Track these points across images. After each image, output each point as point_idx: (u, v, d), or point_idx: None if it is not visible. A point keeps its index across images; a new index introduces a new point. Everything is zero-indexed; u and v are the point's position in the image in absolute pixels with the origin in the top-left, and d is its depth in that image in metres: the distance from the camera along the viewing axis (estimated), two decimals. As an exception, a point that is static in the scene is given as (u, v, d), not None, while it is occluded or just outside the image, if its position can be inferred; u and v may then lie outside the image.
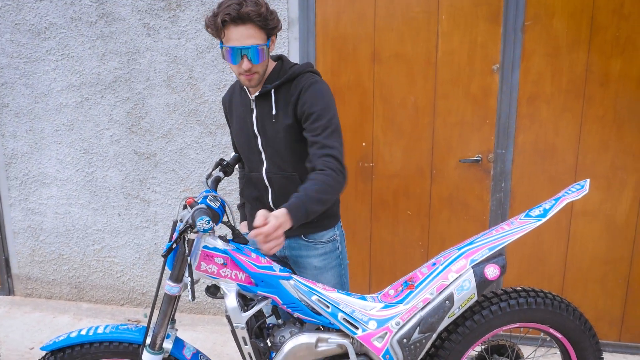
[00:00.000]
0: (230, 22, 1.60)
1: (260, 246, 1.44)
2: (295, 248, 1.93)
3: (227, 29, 1.62)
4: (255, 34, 1.63)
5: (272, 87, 1.75)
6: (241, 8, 1.58)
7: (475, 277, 1.74)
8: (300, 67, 1.78)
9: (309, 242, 1.90)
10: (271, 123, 1.77)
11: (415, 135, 2.83)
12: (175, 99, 3.03)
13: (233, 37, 1.62)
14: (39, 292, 3.56)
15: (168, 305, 1.63)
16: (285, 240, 1.75)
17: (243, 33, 1.61)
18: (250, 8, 1.59)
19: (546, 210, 1.79)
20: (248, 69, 1.66)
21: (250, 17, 1.59)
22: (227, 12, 1.58)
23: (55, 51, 3.12)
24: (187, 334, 3.08)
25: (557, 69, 2.64)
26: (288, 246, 1.93)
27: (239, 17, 1.58)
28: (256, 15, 1.59)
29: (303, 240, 1.90)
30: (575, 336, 1.89)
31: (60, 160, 3.28)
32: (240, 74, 1.70)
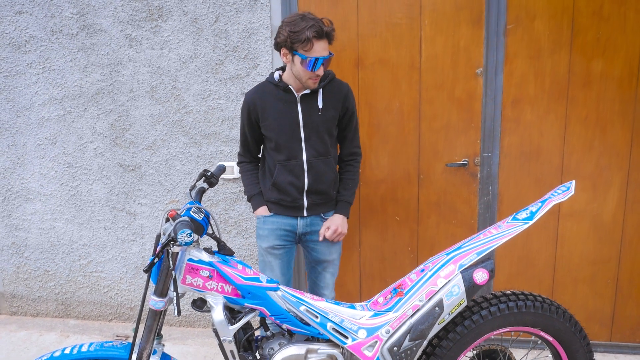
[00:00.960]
0: (315, 37, 2.01)
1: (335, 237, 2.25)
2: (314, 224, 2.33)
3: (311, 43, 2.02)
4: (327, 47, 2.09)
5: (321, 87, 2.21)
6: (323, 27, 2.03)
7: (464, 282, 1.74)
8: (332, 73, 2.29)
9: (325, 218, 2.34)
10: (317, 115, 2.20)
11: (401, 141, 2.82)
12: (160, 109, 3.00)
13: (316, 50, 2.03)
14: (24, 309, 3.50)
15: (153, 321, 1.60)
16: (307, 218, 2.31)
17: (323, 47, 2.05)
18: (327, 28, 2.06)
19: (533, 213, 1.79)
20: (318, 77, 2.12)
21: (328, 34, 2.05)
22: (315, 29, 2.00)
23: (36, 64, 3.08)
24: (178, 347, 3.04)
25: (539, 71, 2.65)
26: (310, 223, 2.32)
27: (323, 34, 2.03)
28: (331, 32, 2.07)
29: (320, 218, 2.33)
30: (566, 338, 1.88)
31: (43, 175, 3.23)
32: (310, 78, 2.11)
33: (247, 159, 2.39)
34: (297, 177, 2.23)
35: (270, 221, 2.31)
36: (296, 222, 2.30)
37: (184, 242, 1.44)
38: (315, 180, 2.24)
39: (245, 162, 2.40)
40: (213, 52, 2.87)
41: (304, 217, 2.29)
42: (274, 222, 2.31)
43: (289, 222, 2.31)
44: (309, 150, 2.21)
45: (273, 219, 2.31)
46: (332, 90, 2.23)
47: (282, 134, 2.20)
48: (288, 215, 2.29)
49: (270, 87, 2.23)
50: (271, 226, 2.31)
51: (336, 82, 2.27)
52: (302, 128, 2.19)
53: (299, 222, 2.30)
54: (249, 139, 2.33)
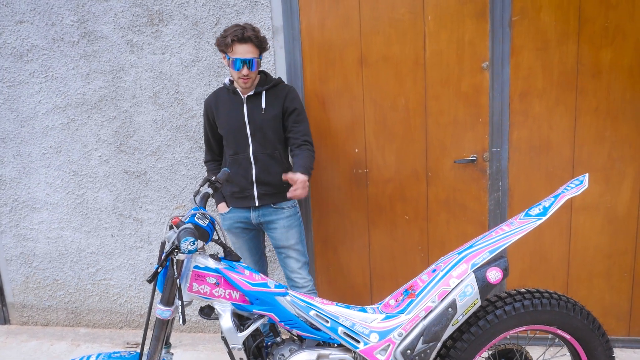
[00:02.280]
0: (236, 41, 2.26)
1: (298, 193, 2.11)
2: (267, 214, 2.48)
3: (233, 46, 2.27)
4: (253, 51, 2.30)
5: (263, 90, 2.43)
6: (245, 32, 2.26)
7: (478, 282, 1.69)
8: (278, 79, 2.49)
9: (277, 208, 2.48)
10: (261, 114, 2.41)
11: (408, 138, 2.78)
12: (163, 115, 2.98)
13: (238, 52, 2.27)
14: (35, 319, 3.49)
15: (160, 330, 1.57)
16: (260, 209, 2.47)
17: (246, 49, 2.27)
18: (250, 33, 2.27)
19: (546, 208, 1.74)
20: (246, 74, 2.30)
21: (250, 38, 2.27)
22: (235, 34, 2.25)
23: (38, 73, 3.07)
24: (189, 353, 3.01)
25: (547, 63, 2.60)
26: (262, 214, 2.48)
27: (243, 38, 2.26)
28: (255, 37, 2.28)
29: (272, 208, 2.47)
30: (584, 336, 1.83)
31: (49, 184, 3.22)
32: (239, 77, 2.32)
33: (211, 156, 2.62)
34: (245, 170, 2.44)
35: (228, 217, 2.54)
36: (249, 213, 2.49)
37: (188, 250, 1.41)
38: (262, 172, 2.43)
39: (209, 161, 2.63)
40: (215, 55, 2.84)
41: (256, 208, 2.48)
42: (231, 217, 2.53)
43: (243, 215, 2.50)
44: (255, 145, 2.42)
45: (230, 214, 2.53)
46: (275, 93, 2.46)
47: (231, 131, 2.43)
48: (242, 207, 2.49)
49: (224, 91, 2.50)
50: (229, 221, 2.54)
51: (280, 87, 2.49)
52: (247, 125, 2.41)
53: (252, 213, 2.49)
54: (210, 139, 2.56)
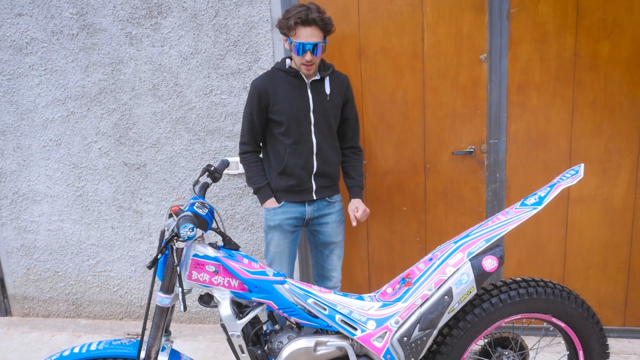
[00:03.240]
0: (300, 24, 2.09)
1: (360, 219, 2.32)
2: (321, 208, 2.40)
3: (297, 29, 2.11)
4: (317, 34, 2.13)
5: (327, 75, 2.32)
6: (309, 14, 2.09)
7: (473, 270, 1.71)
8: (331, 66, 2.38)
9: (330, 202, 2.42)
10: (326, 101, 2.31)
11: (406, 130, 2.79)
12: (162, 107, 2.99)
13: (301, 35, 2.11)
14: (36, 311, 3.52)
15: (160, 317, 1.60)
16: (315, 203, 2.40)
17: (309, 33, 2.11)
18: (315, 14, 2.10)
19: (541, 197, 1.76)
20: (310, 60, 2.16)
21: (315, 21, 2.10)
22: (299, 16, 2.08)
23: (38, 66, 3.08)
24: (189, 344, 3.04)
25: (545, 55, 2.61)
26: (316, 208, 2.39)
27: (307, 20, 2.09)
28: (320, 20, 2.11)
29: (326, 201, 2.41)
30: (579, 324, 1.86)
31: (49, 177, 3.24)
32: (302, 64, 2.19)
33: (252, 147, 2.38)
34: (307, 160, 2.31)
35: (281, 211, 2.37)
36: (304, 208, 2.38)
37: (187, 236, 1.43)
38: (323, 163, 2.33)
39: (249, 152, 2.38)
40: (214, 47, 2.85)
41: (312, 202, 2.38)
42: (284, 212, 2.36)
43: (298, 210, 2.37)
44: (318, 134, 2.30)
45: (283, 209, 2.36)
46: (336, 80, 2.37)
47: (293, 118, 2.27)
48: (297, 201, 2.36)
49: (280, 74, 2.30)
50: (281, 216, 2.36)
51: (338, 73, 2.41)
52: (312, 112, 2.28)
53: (307, 208, 2.38)
54: (257, 126, 2.33)
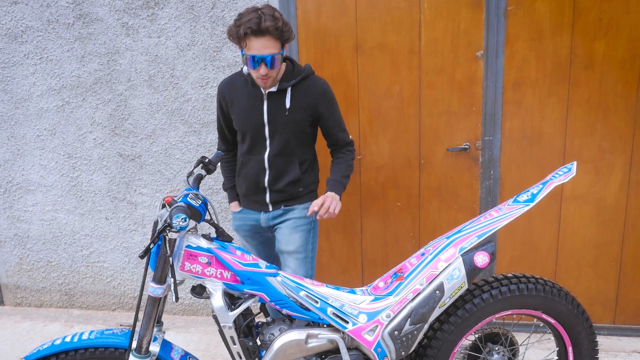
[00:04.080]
0: (250, 34, 1.83)
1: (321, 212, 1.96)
2: (276, 217, 2.21)
3: (247, 40, 1.86)
4: (272, 45, 1.87)
5: (289, 86, 2.05)
6: (261, 22, 1.81)
7: (465, 265, 1.73)
8: (309, 70, 2.11)
9: (287, 209, 2.20)
10: (284, 115, 2.06)
11: (401, 126, 2.80)
12: (158, 98, 2.99)
13: (253, 47, 1.86)
14: (28, 300, 3.51)
15: (152, 307, 1.60)
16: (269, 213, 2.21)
17: (262, 44, 1.85)
18: (269, 23, 1.82)
19: (534, 194, 1.77)
20: (265, 74, 1.92)
21: (268, 30, 1.82)
22: (249, 25, 1.81)
23: (33, 55, 3.06)
24: (181, 336, 3.05)
25: (541, 54, 2.62)
26: (271, 217, 2.21)
27: (259, 30, 1.82)
28: (274, 29, 1.83)
29: (282, 209, 2.21)
30: (569, 321, 1.87)
31: (43, 166, 3.23)
32: (257, 77, 1.96)
33: (224, 147, 2.34)
34: (257, 174, 2.16)
35: (238, 217, 2.31)
36: (259, 216, 2.23)
37: (179, 227, 1.43)
38: (275, 179, 2.15)
39: (221, 150, 2.32)
40: (210, 39, 2.85)
41: (267, 212, 2.22)
42: (241, 218, 2.29)
43: (253, 217, 2.25)
44: (272, 148, 2.11)
45: (240, 215, 2.29)
46: (305, 90, 2.08)
47: (247, 129, 2.12)
48: (254, 209, 2.24)
49: (241, 80, 2.14)
50: (238, 222, 2.31)
51: (311, 81, 2.10)
52: (266, 126, 2.09)
53: (262, 216, 2.23)
54: (223, 128, 2.27)
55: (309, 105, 2.09)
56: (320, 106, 2.11)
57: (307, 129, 2.14)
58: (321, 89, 2.10)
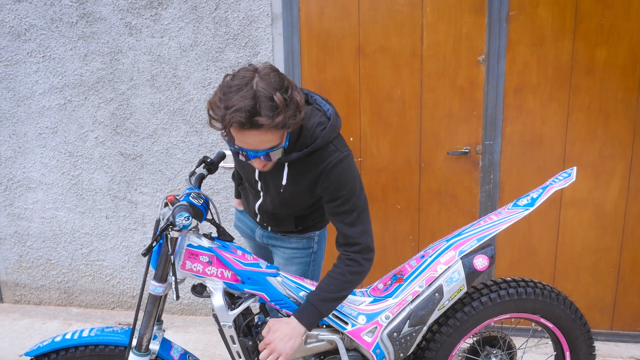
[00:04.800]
0: (239, 128, 1.35)
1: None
2: (273, 239, 1.94)
3: (235, 132, 1.38)
4: (271, 138, 1.39)
5: (287, 162, 1.57)
6: (253, 116, 1.31)
7: (464, 269, 1.73)
8: (323, 139, 1.53)
9: (285, 236, 1.91)
10: (277, 188, 1.66)
11: (402, 129, 2.81)
12: (160, 98, 3.00)
13: (243, 141, 1.39)
14: (27, 298, 3.52)
15: (153, 306, 1.60)
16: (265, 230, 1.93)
17: (256, 139, 1.38)
18: (264, 119, 1.32)
19: (534, 199, 1.78)
20: (264, 166, 1.52)
21: (264, 125, 1.33)
22: (237, 118, 1.32)
23: (36, 53, 3.07)
24: (180, 335, 3.05)
25: (542, 59, 2.63)
26: (267, 236, 1.96)
27: (250, 122, 1.32)
28: (270, 119, 1.33)
29: (280, 235, 1.92)
30: (567, 325, 1.88)
31: (44, 164, 3.23)
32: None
33: None
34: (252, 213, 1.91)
35: (238, 216, 2.10)
36: (255, 228, 1.99)
37: (182, 225, 1.44)
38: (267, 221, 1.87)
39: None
40: (213, 40, 2.86)
41: (264, 229, 1.95)
42: (240, 219, 2.09)
43: (249, 226, 2.02)
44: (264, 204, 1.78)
45: (240, 215, 2.09)
46: (307, 165, 1.58)
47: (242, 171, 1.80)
48: (251, 218, 1.99)
49: None
50: (238, 222, 2.11)
51: (315, 156, 1.56)
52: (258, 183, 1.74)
53: (257, 230, 1.98)
54: None
55: (310, 184, 1.61)
56: (318, 187, 1.59)
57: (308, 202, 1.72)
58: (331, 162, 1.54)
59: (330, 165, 1.54)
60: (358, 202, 1.58)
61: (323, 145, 1.55)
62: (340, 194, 1.56)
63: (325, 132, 1.55)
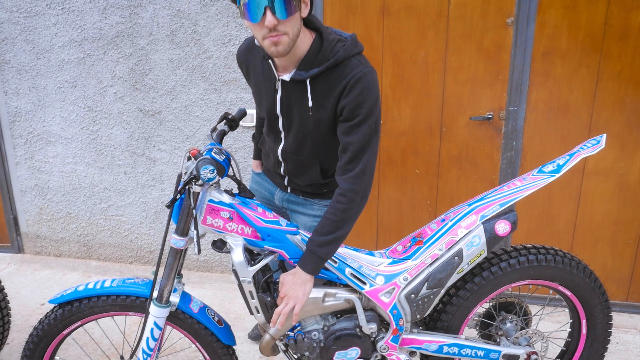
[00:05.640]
0: None
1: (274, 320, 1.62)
2: (293, 203, 1.92)
3: None
4: None
5: (309, 77, 1.49)
6: None
7: (486, 233, 1.72)
8: (345, 51, 1.49)
9: (306, 201, 1.89)
10: (302, 113, 1.58)
11: (424, 92, 2.75)
12: (179, 54, 2.96)
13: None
14: (48, 250, 3.59)
15: (174, 259, 1.62)
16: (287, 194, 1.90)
17: None
18: None
19: (560, 165, 1.74)
20: (273, 26, 1.34)
21: None
22: None
23: (55, 5, 3.03)
24: (196, 291, 3.11)
25: (574, 23, 2.53)
26: (287, 199, 1.93)
27: None
28: None
29: (302, 199, 1.89)
30: (585, 294, 1.87)
31: (64, 118, 3.24)
32: (264, 37, 1.40)
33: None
34: (275, 163, 1.84)
35: (255, 179, 2.06)
36: (275, 191, 1.94)
37: (207, 178, 1.43)
38: (293, 175, 1.81)
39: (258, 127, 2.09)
40: (234, -5, 2.79)
41: (284, 191, 1.92)
42: (257, 182, 2.04)
43: (268, 189, 1.97)
44: (286, 145, 1.73)
45: (258, 178, 2.04)
46: (333, 79, 1.51)
47: (263, 112, 1.74)
48: (272, 181, 1.94)
49: (258, 50, 1.67)
50: (254, 185, 2.06)
51: (345, 67, 1.50)
52: (280, 118, 1.67)
53: (277, 193, 1.93)
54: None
55: (334, 101, 1.53)
56: (343, 97, 1.51)
57: (332, 137, 1.64)
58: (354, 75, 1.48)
59: (354, 79, 1.47)
60: (373, 125, 1.51)
61: (345, 58, 1.49)
62: (359, 112, 1.48)
63: (346, 46, 1.50)
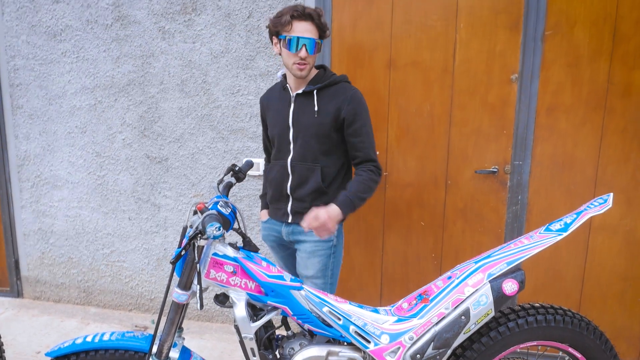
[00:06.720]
0: (296, 17, 2.01)
1: (315, 231, 1.92)
2: (296, 233, 2.18)
3: (292, 23, 2.01)
4: (313, 31, 2.03)
5: (315, 88, 2.11)
6: (305, 9, 2.03)
7: (493, 292, 1.69)
8: (340, 77, 2.17)
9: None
10: (309, 118, 2.10)
11: (430, 145, 2.77)
12: (189, 103, 3.01)
13: (297, 30, 2.01)
14: (47, 295, 3.55)
15: (175, 313, 1.59)
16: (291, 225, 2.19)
17: (305, 28, 2.01)
18: (311, 10, 2.04)
19: (567, 224, 1.73)
20: (304, 57, 2.02)
21: (311, 16, 2.02)
22: (295, 9, 2.01)
23: (70, 53, 3.12)
24: (195, 341, 3.04)
25: (577, 80, 2.58)
26: (291, 231, 2.20)
27: (303, 14, 2.01)
28: (317, 15, 2.04)
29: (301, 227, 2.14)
30: (595, 356, 1.82)
31: (72, 163, 3.27)
32: (294, 63, 2.05)
33: (268, 159, 2.44)
34: (281, 179, 2.18)
35: (265, 227, 2.33)
36: (281, 228, 2.23)
37: (213, 235, 1.43)
38: (297, 186, 2.14)
39: (266, 159, 2.46)
40: (245, 47, 2.87)
41: (288, 224, 2.20)
42: (267, 228, 2.31)
43: (276, 228, 2.26)
44: (295, 152, 2.14)
45: (266, 225, 2.31)
46: (332, 94, 2.12)
47: (275, 132, 2.19)
48: (276, 219, 2.24)
49: (277, 87, 2.27)
50: (265, 232, 2.33)
51: (340, 87, 2.14)
52: (290, 129, 2.14)
53: (283, 228, 2.22)
54: (266, 140, 2.39)
55: (335, 109, 2.09)
56: (343, 110, 2.08)
57: (332, 135, 2.11)
58: (348, 93, 2.10)
59: (352, 93, 2.12)
60: (369, 128, 2.14)
61: (341, 80, 2.16)
62: (360, 116, 2.10)
63: (341, 76, 2.19)
